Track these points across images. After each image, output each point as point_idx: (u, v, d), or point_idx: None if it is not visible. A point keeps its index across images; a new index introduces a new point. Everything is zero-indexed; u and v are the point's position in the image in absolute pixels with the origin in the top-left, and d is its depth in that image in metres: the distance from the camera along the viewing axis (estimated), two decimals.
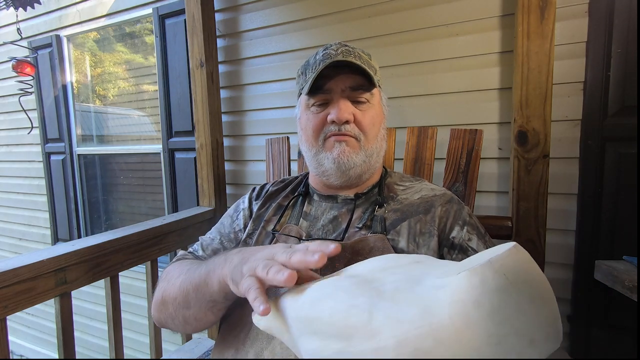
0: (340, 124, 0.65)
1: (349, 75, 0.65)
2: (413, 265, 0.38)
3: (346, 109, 0.64)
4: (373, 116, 0.68)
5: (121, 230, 1.10)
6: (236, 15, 1.56)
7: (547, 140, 1.00)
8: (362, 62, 0.66)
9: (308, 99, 0.69)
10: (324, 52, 0.67)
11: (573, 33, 1.05)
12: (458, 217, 0.65)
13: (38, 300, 0.82)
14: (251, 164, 1.61)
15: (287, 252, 0.41)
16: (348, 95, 0.66)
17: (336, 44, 0.69)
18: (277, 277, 0.38)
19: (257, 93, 1.55)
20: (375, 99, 0.69)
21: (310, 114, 0.69)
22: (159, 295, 0.63)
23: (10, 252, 2.60)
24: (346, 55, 0.65)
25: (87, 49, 2.21)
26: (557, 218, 1.11)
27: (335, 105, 0.65)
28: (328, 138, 0.67)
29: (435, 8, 1.20)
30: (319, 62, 0.66)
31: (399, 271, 0.37)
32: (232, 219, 0.79)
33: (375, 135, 0.69)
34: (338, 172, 0.67)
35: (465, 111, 1.19)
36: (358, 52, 0.68)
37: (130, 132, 2.18)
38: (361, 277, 0.38)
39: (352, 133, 0.66)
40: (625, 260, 0.95)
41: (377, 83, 0.68)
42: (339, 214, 0.69)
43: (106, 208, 2.25)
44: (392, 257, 0.43)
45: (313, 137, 0.69)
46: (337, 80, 0.66)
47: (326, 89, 0.66)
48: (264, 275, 0.40)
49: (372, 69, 0.68)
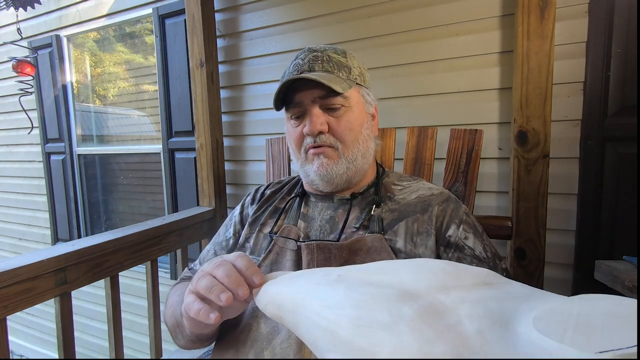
0: (314, 136, 0.65)
1: (316, 85, 0.64)
2: (484, 289, 0.32)
3: (317, 121, 0.64)
4: (350, 120, 0.66)
5: (121, 230, 1.10)
6: (236, 15, 1.56)
7: (547, 140, 1.00)
8: (332, 66, 0.65)
9: (285, 111, 0.70)
10: (294, 63, 0.68)
11: (573, 33, 1.05)
12: (455, 215, 0.65)
13: (38, 300, 0.82)
14: (251, 164, 1.61)
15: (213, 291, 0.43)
16: (320, 104, 0.65)
17: (305, 51, 0.68)
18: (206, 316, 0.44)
19: (257, 93, 1.55)
20: (352, 100, 0.67)
21: (290, 127, 0.70)
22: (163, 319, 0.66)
23: (10, 252, 2.60)
24: (312, 64, 0.65)
25: (87, 49, 2.21)
26: (557, 218, 1.11)
27: (307, 117, 0.66)
28: (308, 151, 0.68)
29: (435, 8, 1.20)
30: (288, 75, 0.68)
31: (470, 297, 0.30)
32: (225, 228, 0.80)
33: (355, 138, 0.67)
34: (323, 182, 0.67)
35: (465, 111, 1.19)
36: (328, 55, 0.67)
37: (130, 132, 2.18)
38: (418, 297, 0.31)
39: (328, 143, 0.65)
40: (625, 260, 0.95)
41: (347, 86, 0.65)
42: (335, 214, 0.69)
43: (106, 208, 2.25)
44: (445, 267, 0.35)
45: (296, 150, 0.70)
46: (305, 92, 0.65)
47: (297, 102, 0.66)
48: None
49: (344, 70, 0.67)
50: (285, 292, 0.40)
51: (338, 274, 0.39)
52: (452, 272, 0.34)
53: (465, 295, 0.31)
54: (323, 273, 0.41)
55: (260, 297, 0.43)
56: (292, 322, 0.38)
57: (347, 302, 0.33)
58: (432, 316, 0.29)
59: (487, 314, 0.28)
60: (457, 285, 0.32)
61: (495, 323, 0.27)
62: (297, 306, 0.37)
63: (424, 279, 0.33)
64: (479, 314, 0.28)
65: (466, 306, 0.29)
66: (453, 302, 0.30)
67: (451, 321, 0.28)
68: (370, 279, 0.36)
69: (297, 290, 0.39)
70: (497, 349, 0.25)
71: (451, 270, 0.35)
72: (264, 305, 0.42)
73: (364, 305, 0.31)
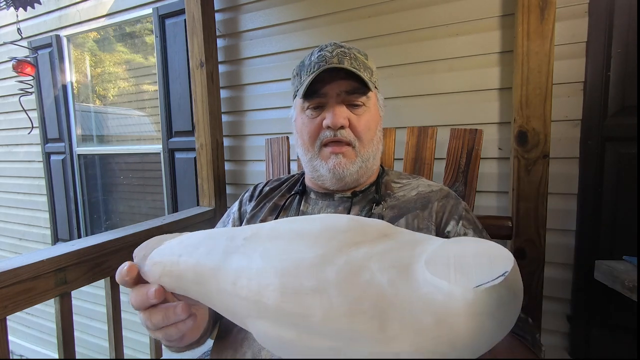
0: (335, 129, 0.65)
1: (344, 78, 0.64)
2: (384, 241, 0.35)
3: (341, 114, 0.64)
4: (369, 120, 0.67)
5: (121, 230, 1.10)
6: (236, 15, 1.56)
7: (547, 140, 1.00)
8: (358, 65, 0.66)
9: (303, 102, 0.68)
10: (319, 54, 0.67)
11: (573, 33, 1.05)
12: (454, 212, 0.65)
13: (38, 300, 0.82)
14: (251, 164, 1.61)
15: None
16: (343, 99, 0.66)
17: (331, 44, 0.68)
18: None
19: (257, 93, 1.55)
20: (371, 101, 0.68)
21: (306, 118, 0.69)
22: None
23: (10, 252, 2.60)
24: (342, 58, 0.65)
25: (87, 49, 2.21)
26: (557, 218, 1.11)
27: (330, 110, 0.65)
28: (324, 146, 0.67)
29: (435, 8, 1.20)
30: (314, 64, 0.66)
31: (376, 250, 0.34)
32: (223, 224, 0.80)
33: (370, 138, 0.68)
34: (333, 179, 0.67)
35: (465, 111, 1.19)
36: (354, 53, 0.67)
37: (130, 132, 2.18)
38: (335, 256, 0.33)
39: (348, 139, 0.65)
40: (625, 260, 0.95)
41: (372, 86, 0.67)
42: (335, 212, 0.69)
43: (106, 208, 2.25)
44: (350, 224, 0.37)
45: (309, 143, 0.69)
46: (332, 84, 0.65)
47: (321, 93, 0.66)
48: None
49: (368, 71, 0.67)
50: (183, 263, 0.39)
51: (244, 238, 0.38)
52: (357, 227, 0.37)
53: (371, 249, 0.34)
54: (226, 238, 0.39)
55: (151, 270, 0.40)
56: (199, 293, 0.38)
57: (269, 270, 0.33)
58: (351, 275, 0.31)
59: (392, 263, 0.32)
60: (364, 240, 0.35)
61: (401, 271, 0.31)
62: (203, 276, 0.37)
63: (335, 237, 0.35)
64: (386, 266, 0.32)
65: (375, 259, 0.32)
66: (364, 257, 0.33)
67: (367, 276, 0.31)
68: (283, 243, 0.36)
69: (198, 261, 0.38)
70: (407, 294, 0.29)
71: (356, 225, 0.37)
72: (157, 277, 0.40)
73: (288, 273, 0.32)
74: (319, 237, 0.36)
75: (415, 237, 0.37)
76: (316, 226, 0.38)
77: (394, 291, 0.30)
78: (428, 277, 0.29)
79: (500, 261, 0.29)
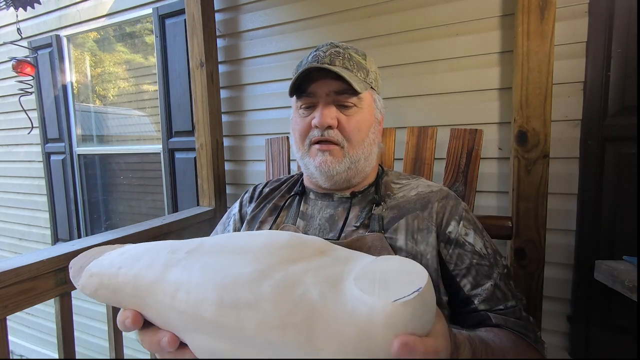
0: (322, 129, 0.65)
1: (335, 79, 0.64)
2: (321, 257, 0.38)
3: (329, 115, 0.64)
4: (359, 121, 0.67)
5: (121, 230, 1.10)
6: (236, 15, 1.56)
7: (547, 140, 1.00)
8: (352, 65, 0.66)
9: (297, 101, 0.69)
10: (314, 54, 0.68)
11: (573, 33, 1.05)
12: (454, 212, 0.65)
13: (38, 300, 0.82)
14: (251, 164, 1.61)
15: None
16: (333, 99, 0.65)
17: (327, 44, 0.68)
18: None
19: (257, 93, 1.55)
20: (364, 102, 0.67)
21: (298, 117, 0.70)
22: None
23: (10, 252, 2.60)
24: (334, 58, 0.65)
25: (87, 49, 2.21)
26: (557, 218, 1.11)
27: (318, 110, 0.65)
28: (313, 144, 0.67)
29: (435, 8, 1.20)
30: (305, 64, 0.66)
31: (312, 266, 0.36)
32: (223, 226, 0.80)
33: (361, 140, 0.67)
34: (322, 177, 0.68)
35: (465, 111, 1.19)
36: (350, 53, 0.67)
37: (130, 132, 2.18)
38: (273, 272, 0.35)
39: (335, 139, 0.65)
40: (625, 260, 0.95)
41: (364, 87, 0.66)
42: (335, 213, 0.69)
43: (106, 208, 2.25)
44: (291, 241, 0.39)
45: (300, 141, 0.69)
46: (321, 83, 0.65)
47: (310, 92, 0.66)
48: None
49: (362, 71, 0.67)
50: (122, 275, 0.38)
51: (186, 251, 0.39)
52: (297, 244, 0.39)
53: (308, 265, 0.36)
54: (168, 251, 0.39)
55: (87, 282, 0.39)
56: (135, 305, 0.38)
57: (208, 284, 0.34)
58: (286, 289, 0.33)
59: (325, 279, 0.34)
60: (302, 257, 0.38)
61: (332, 285, 0.34)
62: (142, 290, 0.37)
63: (275, 253, 0.37)
64: (319, 280, 0.34)
65: (310, 274, 0.35)
66: (300, 272, 0.35)
67: (300, 291, 0.33)
68: (224, 258, 0.38)
69: (138, 273, 0.38)
70: (335, 307, 0.32)
71: (296, 242, 0.40)
72: (93, 290, 0.39)
73: (226, 287, 0.34)
74: (260, 252, 0.38)
75: (349, 254, 0.40)
76: (259, 241, 0.39)
77: (324, 304, 0.32)
78: (355, 292, 0.32)
79: (416, 278, 0.32)
